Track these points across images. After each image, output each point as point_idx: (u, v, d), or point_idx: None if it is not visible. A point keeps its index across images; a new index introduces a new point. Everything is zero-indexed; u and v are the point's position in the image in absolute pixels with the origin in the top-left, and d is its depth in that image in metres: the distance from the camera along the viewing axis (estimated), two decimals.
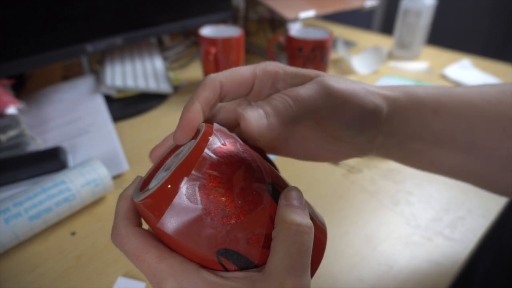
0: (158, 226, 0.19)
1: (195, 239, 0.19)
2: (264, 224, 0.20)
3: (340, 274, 0.38)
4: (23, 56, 0.58)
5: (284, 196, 0.21)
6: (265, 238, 0.20)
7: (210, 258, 0.19)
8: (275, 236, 0.20)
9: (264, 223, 0.20)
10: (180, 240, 0.19)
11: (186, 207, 0.19)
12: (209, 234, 0.19)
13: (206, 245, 0.19)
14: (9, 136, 0.51)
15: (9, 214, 0.37)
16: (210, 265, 0.20)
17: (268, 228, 0.20)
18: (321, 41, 0.67)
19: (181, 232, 0.19)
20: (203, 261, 0.20)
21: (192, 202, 0.19)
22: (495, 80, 0.78)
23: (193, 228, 0.19)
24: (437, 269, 0.38)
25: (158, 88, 0.68)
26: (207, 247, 0.19)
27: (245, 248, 0.20)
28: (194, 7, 0.77)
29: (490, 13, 1.66)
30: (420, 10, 0.84)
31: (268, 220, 0.20)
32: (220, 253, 0.19)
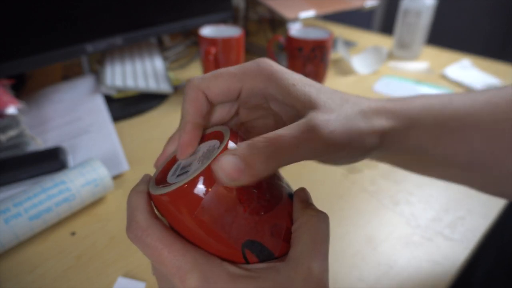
0: (194, 215, 0.19)
1: (227, 230, 0.20)
2: (284, 218, 0.22)
3: (340, 274, 0.38)
4: (23, 56, 0.58)
5: (298, 194, 0.23)
6: (285, 231, 0.21)
7: (235, 250, 0.20)
8: (297, 228, 0.21)
9: (284, 217, 0.22)
10: (214, 230, 0.20)
11: (223, 196, 0.19)
12: (240, 225, 0.20)
13: (235, 236, 0.20)
14: (9, 136, 0.51)
15: (9, 214, 0.37)
16: (233, 258, 0.20)
17: (287, 222, 0.22)
18: (321, 41, 0.67)
19: (215, 221, 0.19)
20: (226, 254, 0.20)
21: (228, 192, 0.19)
22: (495, 80, 0.78)
23: (227, 218, 0.19)
24: (437, 269, 0.38)
25: (158, 88, 0.68)
26: (236, 238, 0.20)
27: (269, 240, 0.21)
28: (194, 7, 0.77)
29: (490, 13, 1.66)
30: (420, 10, 0.84)
31: (287, 215, 0.22)
32: (246, 245, 0.20)
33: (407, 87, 0.76)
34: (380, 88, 0.76)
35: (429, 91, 0.74)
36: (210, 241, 0.20)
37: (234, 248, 0.20)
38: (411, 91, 0.74)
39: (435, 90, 0.75)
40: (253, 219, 0.20)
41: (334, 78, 0.80)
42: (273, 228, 0.21)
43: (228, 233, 0.20)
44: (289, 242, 0.21)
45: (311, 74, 0.70)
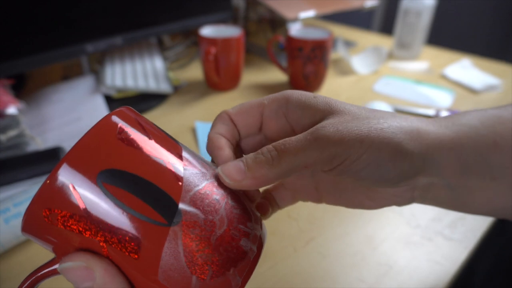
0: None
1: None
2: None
3: (340, 274, 0.38)
4: (23, 56, 0.58)
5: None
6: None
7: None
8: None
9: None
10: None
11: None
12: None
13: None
14: (9, 136, 0.51)
15: (9, 214, 0.37)
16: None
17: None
18: (321, 41, 0.67)
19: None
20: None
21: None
22: (496, 80, 0.78)
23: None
24: (437, 269, 0.38)
25: (158, 88, 0.68)
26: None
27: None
28: (194, 7, 0.77)
29: (490, 13, 1.66)
30: (420, 10, 0.84)
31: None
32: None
33: (407, 87, 0.76)
34: (380, 88, 0.76)
35: (429, 91, 0.74)
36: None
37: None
38: (411, 91, 0.74)
39: (435, 90, 0.75)
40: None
41: (334, 78, 0.80)
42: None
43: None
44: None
45: (311, 74, 0.71)
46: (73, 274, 0.17)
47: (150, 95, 0.69)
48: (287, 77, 0.77)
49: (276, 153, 0.20)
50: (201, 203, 0.19)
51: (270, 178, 0.20)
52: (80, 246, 0.18)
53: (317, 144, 0.20)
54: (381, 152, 0.21)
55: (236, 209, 0.20)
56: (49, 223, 0.17)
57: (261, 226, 0.22)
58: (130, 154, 0.18)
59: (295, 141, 0.21)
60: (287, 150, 0.20)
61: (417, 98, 0.72)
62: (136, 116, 0.21)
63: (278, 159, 0.20)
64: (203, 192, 0.19)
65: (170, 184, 0.19)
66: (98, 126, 0.18)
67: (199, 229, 0.18)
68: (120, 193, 0.17)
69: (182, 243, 0.18)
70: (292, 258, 0.39)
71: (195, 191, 0.19)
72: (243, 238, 0.20)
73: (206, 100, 0.71)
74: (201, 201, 0.19)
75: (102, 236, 0.17)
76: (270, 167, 0.20)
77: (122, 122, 0.19)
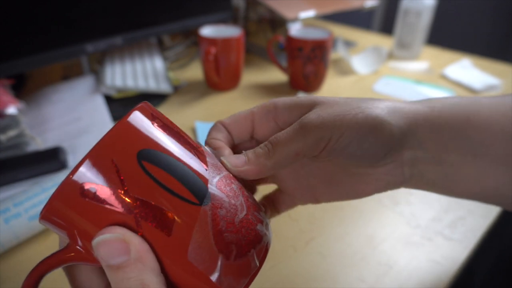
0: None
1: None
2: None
3: (340, 274, 0.38)
4: (23, 56, 0.58)
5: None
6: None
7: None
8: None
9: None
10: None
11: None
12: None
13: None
14: (9, 136, 0.51)
15: (9, 214, 0.37)
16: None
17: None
18: (321, 41, 0.67)
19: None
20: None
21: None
22: (496, 80, 0.78)
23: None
24: (437, 269, 0.38)
25: (158, 88, 0.68)
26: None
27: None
28: (193, 7, 0.77)
29: (491, 13, 1.66)
30: (420, 10, 0.84)
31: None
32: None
33: (407, 87, 0.76)
34: (380, 88, 0.76)
35: (429, 91, 0.74)
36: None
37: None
38: (411, 91, 0.74)
39: (435, 90, 0.75)
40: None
41: (334, 78, 0.80)
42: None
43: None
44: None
45: (311, 74, 0.71)
46: (109, 247, 0.17)
47: (150, 95, 0.69)
48: (287, 77, 0.77)
49: (271, 146, 0.23)
50: (225, 188, 0.21)
51: (268, 167, 0.23)
52: (113, 222, 0.18)
53: (302, 131, 0.23)
54: (360, 127, 0.22)
55: (250, 198, 0.23)
56: (85, 198, 0.17)
57: (267, 217, 0.24)
58: (165, 138, 0.20)
59: (285, 132, 0.23)
60: (279, 142, 0.23)
61: (417, 98, 0.72)
62: (156, 110, 0.22)
63: (273, 150, 0.23)
64: (224, 180, 0.21)
65: (199, 168, 0.20)
66: (134, 112, 0.19)
67: (225, 211, 0.20)
68: (158, 172, 0.18)
69: (211, 222, 0.19)
70: (293, 258, 0.39)
71: (218, 178, 0.21)
72: (258, 223, 0.22)
73: (206, 100, 0.71)
74: (224, 186, 0.21)
75: (138, 213, 0.18)
76: (267, 157, 0.23)
77: (148, 113, 0.20)
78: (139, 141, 0.19)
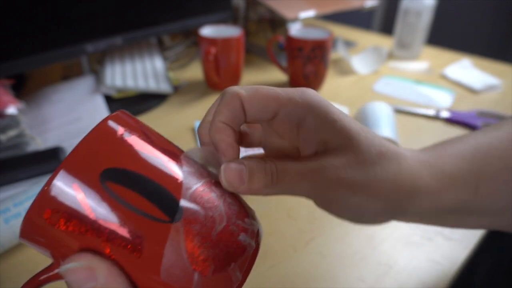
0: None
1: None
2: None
3: (340, 274, 0.38)
4: (23, 56, 0.58)
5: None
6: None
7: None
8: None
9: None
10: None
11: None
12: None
13: None
14: (9, 136, 0.51)
15: (9, 214, 0.37)
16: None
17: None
18: (321, 41, 0.67)
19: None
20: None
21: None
22: (496, 80, 0.78)
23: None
24: (437, 269, 0.38)
25: (158, 88, 0.68)
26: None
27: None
28: (193, 7, 0.77)
29: (491, 13, 1.66)
30: (420, 10, 0.84)
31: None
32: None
33: (407, 87, 0.76)
34: (380, 88, 0.76)
35: (429, 91, 0.74)
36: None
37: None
38: (411, 91, 0.74)
39: (435, 90, 0.75)
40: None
41: (334, 78, 0.80)
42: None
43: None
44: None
45: (311, 74, 0.71)
46: (76, 275, 0.17)
47: (150, 95, 0.69)
48: (287, 77, 0.77)
49: (276, 176, 0.21)
50: (201, 199, 0.19)
51: (264, 193, 0.21)
52: (82, 247, 0.18)
53: (316, 183, 0.22)
54: (368, 200, 0.23)
55: (233, 205, 0.21)
56: (50, 225, 0.17)
57: (257, 221, 0.22)
58: (131, 153, 0.19)
59: (297, 170, 0.21)
60: (287, 176, 0.21)
61: (417, 98, 0.72)
62: (132, 118, 0.21)
63: (276, 181, 0.21)
64: (201, 189, 0.20)
65: (171, 182, 0.19)
66: (98, 127, 0.19)
67: (199, 225, 0.19)
68: (123, 191, 0.18)
69: (184, 239, 0.18)
70: (292, 258, 0.39)
71: (194, 189, 0.19)
72: (241, 233, 0.20)
73: (206, 100, 0.71)
74: (200, 198, 0.19)
75: (104, 236, 0.17)
76: (268, 186, 0.21)
77: (120, 123, 0.20)
78: (102, 160, 0.18)
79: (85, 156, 0.18)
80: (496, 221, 0.26)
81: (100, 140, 0.18)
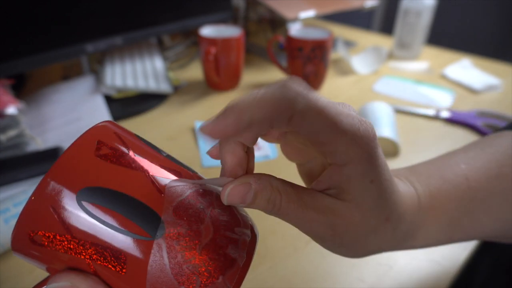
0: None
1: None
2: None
3: (340, 274, 0.38)
4: (23, 56, 0.58)
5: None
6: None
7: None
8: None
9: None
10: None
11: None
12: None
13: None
14: (9, 136, 0.51)
15: (9, 214, 0.37)
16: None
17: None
18: (321, 41, 0.67)
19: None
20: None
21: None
22: (496, 80, 0.78)
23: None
24: (437, 269, 0.38)
25: (158, 88, 0.68)
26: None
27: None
28: (194, 7, 0.77)
29: (491, 12, 1.66)
30: (420, 10, 0.84)
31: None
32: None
33: (407, 87, 0.76)
34: (380, 88, 0.76)
35: (429, 91, 0.74)
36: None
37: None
38: (411, 91, 0.74)
39: (435, 90, 0.75)
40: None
41: (334, 78, 0.80)
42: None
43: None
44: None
45: (311, 74, 0.71)
46: None
47: (150, 95, 0.69)
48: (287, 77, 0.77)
49: (280, 206, 0.20)
50: (185, 213, 0.19)
51: (263, 211, 0.21)
52: (67, 264, 0.18)
53: (319, 226, 0.21)
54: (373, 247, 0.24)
55: (222, 215, 0.20)
56: (35, 243, 0.17)
57: (251, 230, 0.21)
58: (109, 170, 0.18)
59: (302, 209, 0.21)
60: (291, 210, 0.20)
61: (417, 98, 0.72)
62: (117, 129, 0.21)
63: (280, 210, 0.20)
64: (186, 202, 0.19)
65: (152, 197, 0.18)
66: (75, 144, 0.18)
67: (183, 240, 0.18)
68: (101, 210, 0.17)
69: (167, 255, 0.18)
70: (292, 258, 0.39)
71: (178, 202, 0.19)
72: (230, 245, 0.19)
73: (206, 100, 0.71)
74: (184, 211, 0.19)
75: (87, 254, 0.17)
76: (270, 211, 0.20)
77: (100, 138, 0.19)
78: (78, 180, 0.18)
79: (63, 174, 0.18)
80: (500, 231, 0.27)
81: (79, 156, 0.18)
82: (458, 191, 0.25)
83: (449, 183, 0.26)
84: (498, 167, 0.26)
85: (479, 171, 0.26)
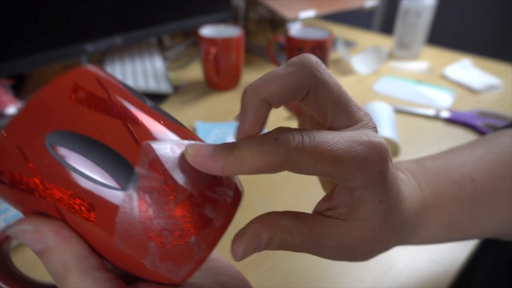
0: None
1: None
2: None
3: (340, 274, 0.38)
4: (23, 56, 0.58)
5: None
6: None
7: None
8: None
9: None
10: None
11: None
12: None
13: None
14: None
15: (9, 214, 0.37)
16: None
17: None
18: (321, 41, 0.67)
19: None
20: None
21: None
22: (496, 80, 0.78)
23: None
24: (437, 269, 0.38)
25: (158, 88, 0.68)
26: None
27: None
28: (194, 7, 0.77)
29: (491, 12, 1.66)
30: (420, 10, 0.84)
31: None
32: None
33: (407, 87, 0.76)
34: (380, 88, 0.76)
35: (429, 91, 0.74)
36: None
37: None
38: (411, 91, 0.74)
39: (435, 90, 0.75)
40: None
41: None
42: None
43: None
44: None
45: None
46: (23, 237, 0.17)
47: (150, 95, 0.69)
48: None
49: (292, 245, 0.21)
50: (161, 167, 0.17)
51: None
52: (34, 208, 0.17)
53: (330, 250, 0.22)
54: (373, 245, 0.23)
55: (203, 173, 0.18)
56: (2, 183, 0.17)
57: (235, 190, 0.20)
58: (84, 115, 0.17)
59: (314, 242, 0.21)
60: (303, 246, 0.21)
61: (417, 98, 0.72)
62: (100, 74, 0.19)
63: (292, 248, 0.21)
64: (165, 154, 0.18)
65: (127, 147, 0.17)
66: (51, 85, 0.17)
67: (156, 195, 0.17)
68: (71, 155, 0.17)
69: (138, 209, 0.17)
70: (292, 258, 0.39)
71: (155, 154, 0.18)
72: (208, 204, 0.18)
73: (206, 100, 0.71)
74: (160, 165, 0.17)
75: (53, 199, 0.17)
76: (282, 249, 0.21)
77: (78, 81, 0.18)
78: (49, 122, 0.17)
79: (34, 115, 0.17)
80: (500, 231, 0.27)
81: (52, 97, 0.17)
82: (463, 193, 0.25)
83: (455, 184, 0.26)
84: (503, 169, 0.26)
85: (485, 172, 0.26)
